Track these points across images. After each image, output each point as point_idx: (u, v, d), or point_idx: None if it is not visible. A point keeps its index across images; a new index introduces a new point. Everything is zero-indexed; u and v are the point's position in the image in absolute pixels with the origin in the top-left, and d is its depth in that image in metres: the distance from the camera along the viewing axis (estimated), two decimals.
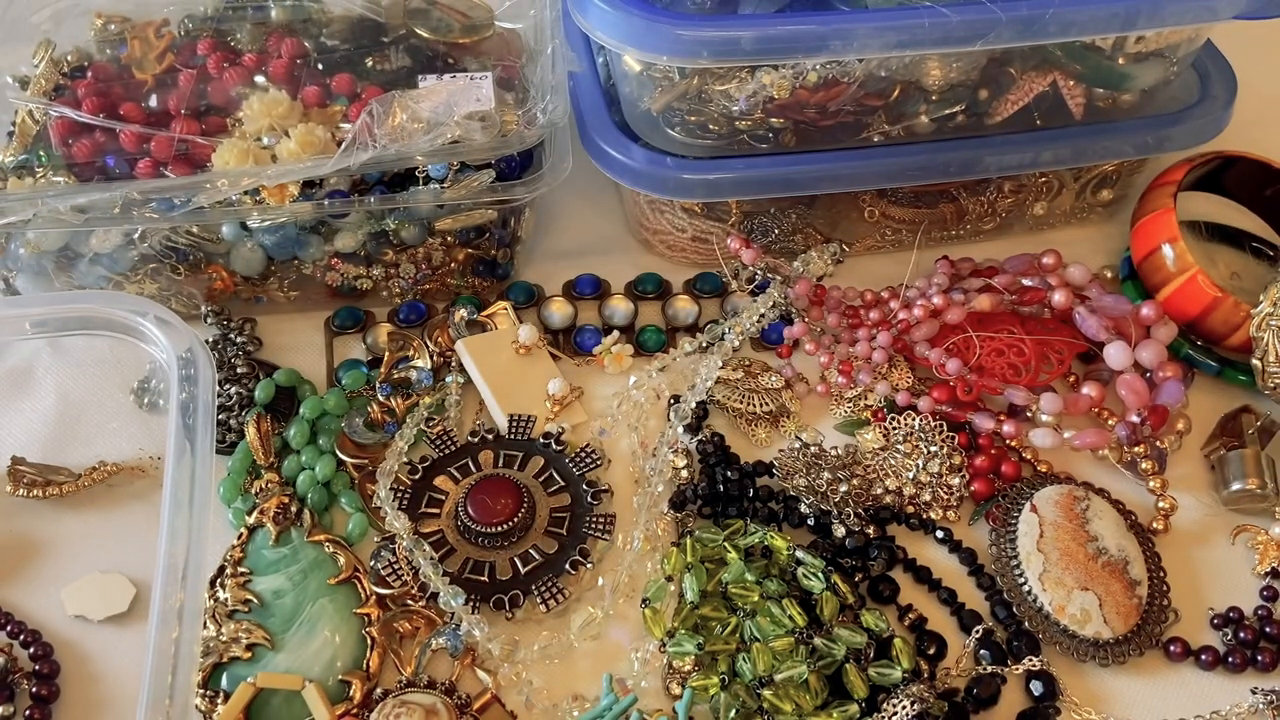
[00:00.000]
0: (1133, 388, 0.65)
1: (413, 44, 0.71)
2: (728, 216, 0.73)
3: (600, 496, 0.62)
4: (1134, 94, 0.71)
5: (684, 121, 0.67)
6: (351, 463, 0.64)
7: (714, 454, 0.65)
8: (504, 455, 0.64)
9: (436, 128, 0.62)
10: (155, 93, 0.67)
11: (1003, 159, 0.70)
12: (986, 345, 0.67)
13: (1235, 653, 0.58)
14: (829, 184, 0.69)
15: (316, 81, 0.68)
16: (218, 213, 0.63)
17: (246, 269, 0.67)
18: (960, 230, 0.77)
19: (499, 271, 0.72)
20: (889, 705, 0.54)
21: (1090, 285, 0.70)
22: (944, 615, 0.60)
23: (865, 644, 0.56)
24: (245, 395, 0.65)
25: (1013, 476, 0.64)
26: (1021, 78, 0.68)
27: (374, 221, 0.66)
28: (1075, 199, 0.78)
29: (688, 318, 0.72)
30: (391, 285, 0.70)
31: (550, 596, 0.58)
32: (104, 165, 0.64)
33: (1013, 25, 0.61)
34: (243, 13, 0.72)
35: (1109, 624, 0.58)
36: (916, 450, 0.65)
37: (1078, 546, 0.59)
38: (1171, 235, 0.68)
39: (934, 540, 0.63)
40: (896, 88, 0.67)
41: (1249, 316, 0.66)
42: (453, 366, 0.68)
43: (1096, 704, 0.57)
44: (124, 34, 0.71)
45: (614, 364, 0.69)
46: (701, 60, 0.62)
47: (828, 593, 0.57)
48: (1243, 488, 0.63)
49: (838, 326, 0.70)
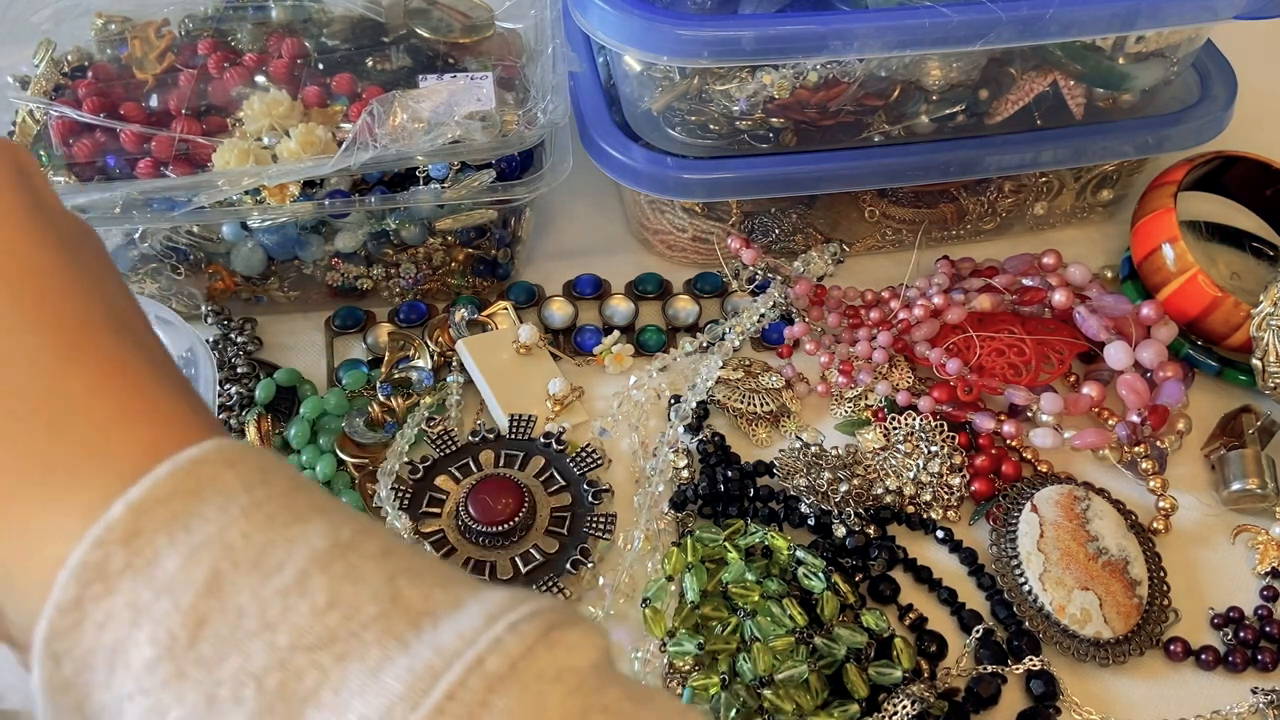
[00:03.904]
0: (1133, 388, 0.65)
1: (413, 44, 0.71)
2: (728, 216, 0.73)
3: (601, 496, 0.62)
4: (1134, 94, 0.71)
5: (684, 121, 0.67)
6: (352, 462, 0.64)
7: (714, 454, 0.65)
8: (505, 455, 0.64)
9: (437, 128, 0.62)
10: (156, 93, 0.67)
11: (1003, 159, 0.70)
12: (987, 345, 0.67)
13: (1235, 653, 0.58)
14: (829, 184, 0.69)
15: (317, 81, 0.68)
16: (218, 213, 0.63)
17: (247, 269, 0.67)
18: (960, 230, 0.77)
19: (499, 271, 0.72)
20: (889, 705, 0.54)
21: (1090, 285, 0.70)
22: (944, 615, 0.60)
23: (866, 644, 0.56)
24: (246, 395, 0.65)
25: (1013, 476, 0.64)
26: (1022, 78, 0.68)
27: (374, 221, 0.66)
28: (1075, 199, 0.78)
29: (688, 318, 0.72)
30: (392, 285, 0.71)
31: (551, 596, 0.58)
32: (104, 165, 0.64)
33: (1013, 25, 0.61)
34: (243, 13, 0.72)
35: (1109, 624, 0.58)
36: (917, 450, 0.65)
37: (1078, 546, 0.59)
38: (1172, 235, 0.68)
39: (934, 540, 0.63)
40: (896, 88, 0.67)
41: (1249, 316, 0.66)
42: (453, 366, 0.68)
43: (1096, 704, 0.57)
44: (124, 34, 0.71)
45: (614, 364, 0.69)
46: (702, 60, 0.62)
47: (828, 592, 0.57)
48: (1243, 488, 0.63)
49: (838, 326, 0.70)
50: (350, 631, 0.26)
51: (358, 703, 0.25)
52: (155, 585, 0.26)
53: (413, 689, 0.25)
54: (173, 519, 0.27)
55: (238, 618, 0.26)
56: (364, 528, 0.29)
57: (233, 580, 0.26)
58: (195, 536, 0.27)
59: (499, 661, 0.26)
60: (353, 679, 0.26)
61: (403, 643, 0.26)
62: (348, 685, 0.25)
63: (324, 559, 0.27)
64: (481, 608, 0.27)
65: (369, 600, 0.27)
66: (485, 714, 0.25)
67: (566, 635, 0.28)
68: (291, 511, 0.28)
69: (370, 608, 0.27)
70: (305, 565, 0.27)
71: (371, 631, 0.26)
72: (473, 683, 0.25)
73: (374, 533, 0.29)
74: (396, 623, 0.26)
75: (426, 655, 0.26)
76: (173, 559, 0.27)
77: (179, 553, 0.27)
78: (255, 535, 0.27)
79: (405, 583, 0.27)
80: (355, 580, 0.27)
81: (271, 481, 0.29)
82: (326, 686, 0.25)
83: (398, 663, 0.26)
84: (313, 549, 0.27)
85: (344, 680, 0.26)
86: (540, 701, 0.26)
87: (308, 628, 0.26)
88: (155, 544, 0.27)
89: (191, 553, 0.27)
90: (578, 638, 0.28)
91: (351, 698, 0.25)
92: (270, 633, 0.26)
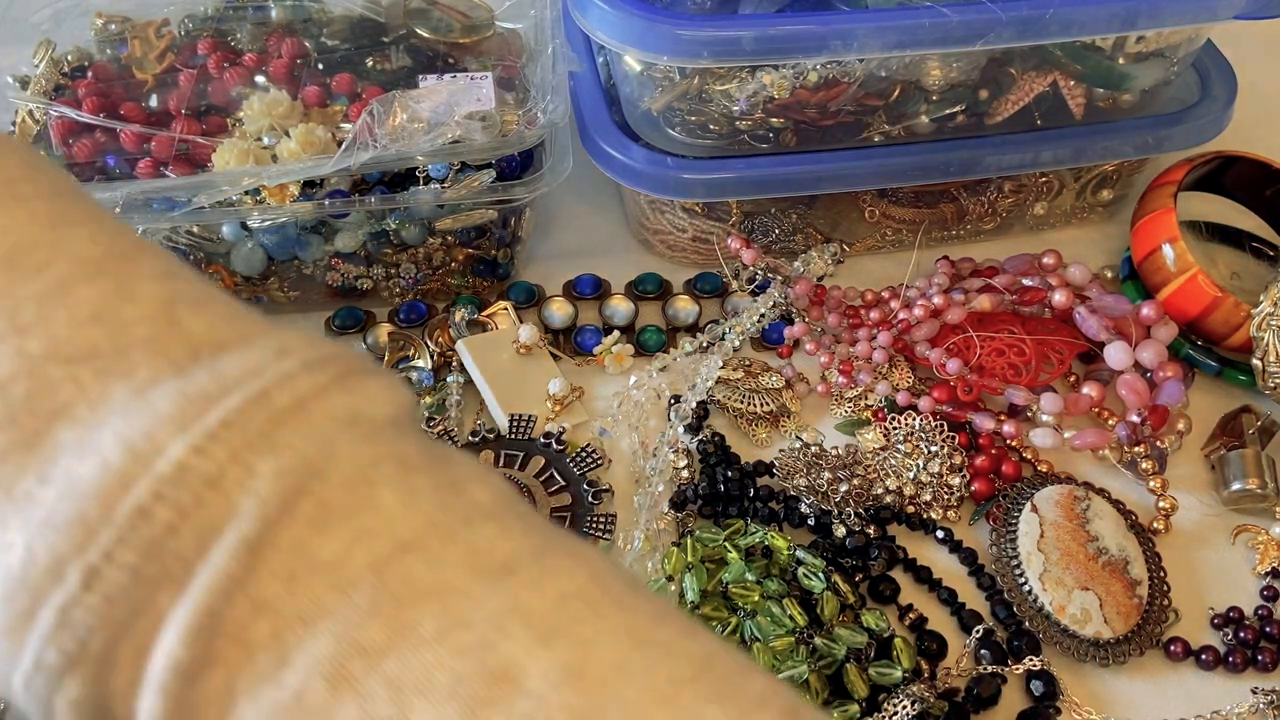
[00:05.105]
0: (1133, 388, 0.65)
1: (413, 44, 0.71)
2: (728, 216, 0.73)
3: (601, 496, 0.62)
4: (1134, 94, 0.71)
5: (684, 121, 0.67)
6: None
7: (714, 454, 0.65)
8: (505, 455, 0.64)
9: (437, 128, 0.62)
10: (155, 93, 0.67)
11: (1003, 159, 0.70)
12: (987, 345, 0.67)
13: (1236, 653, 0.58)
14: (829, 184, 0.69)
15: (317, 81, 0.68)
16: (218, 213, 0.63)
17: (247, 269, 0.67)
18: (960, 230, 0.77)
19: (499, 271, 0.72)
20: (889, 705, 0.54)
21: (1090, 285, 0.70)
22: (944, 615, 0.60)
23: (866, 644, 0.56)
24: None
25: (1013, 476, 0.64)
26: (1021, 78, 0.68)
27: (374, 221, 0.66)
28: (1075, 199, 0.78)
29: (688, 318, 0.72)
30: (392, 285, 0.71)
31: None
32: (104, 165, 0.64)
33: (1013, 25, 0.61)
34: (243, 13, 0.72)
35: (1109, 624, 0.58)
36: (917, 450, 0.65)
37: (1078, 546, 0.59)
38: (1172, 235, 0.68)
39: (934, 540, 0.63)
40: (896, 88, 0.67)
41: (1249, 316, 0.66)
42: (453, 366, 0.68)
43: (1096, 704, 0.57)
44: (124, 34, 0.71)
45: (614, 364, 0.69)
46: (702, 60, 0.62)
47: (828, 592, 0.57)
48: (1243, 488, 0.63)
49: (838, 326, 0.70)
50: (116, 348, 0.23)
51: (117, 420, 0.22)
52: None
53: (183, 411, 0.22)
54: None
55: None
56: (146, 246, 0.26)
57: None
58: None
59: (286, 397, 0.24)
60: (115, 396, 0.23)
61: (176, 366, 0.23)
62: (107, 402, 0.23)
63: (92, 269, 0.24)
64: (272, 343, 0.25)
65: (141, 321, 0.24)
66: (265, 446, 0.23)
67: (366, 383, 0.26)
68: (60, 214, 0.25)
69: (141, 328, 0.24)
70: (69, 271, 0.24)
71: (141, 352, 0.23)
72: (254, 414, 0.23)
73: (158, 254, 0.26)
74: (172, 347, 0.24)
75: (203, 380, 0.23)
76: None
77: None
78: (12, 231, 0.24)
79: (186, 309, 0.25)
80: (127, 298, 0.24)
81: (37, 179, 0.26)
82: (82, 401, 0.23)
83: (168, 384, 0.23)
84: (79, 256, 0.24)
85: (103, 397, 0.23)
86: (329, 442, 0.24)
87: (66, 339, 0.23)
88: None
89: None
90: (379, 389, 0.26)
91: (110, 415, 0.22)
92: (20, 337, 0.23)
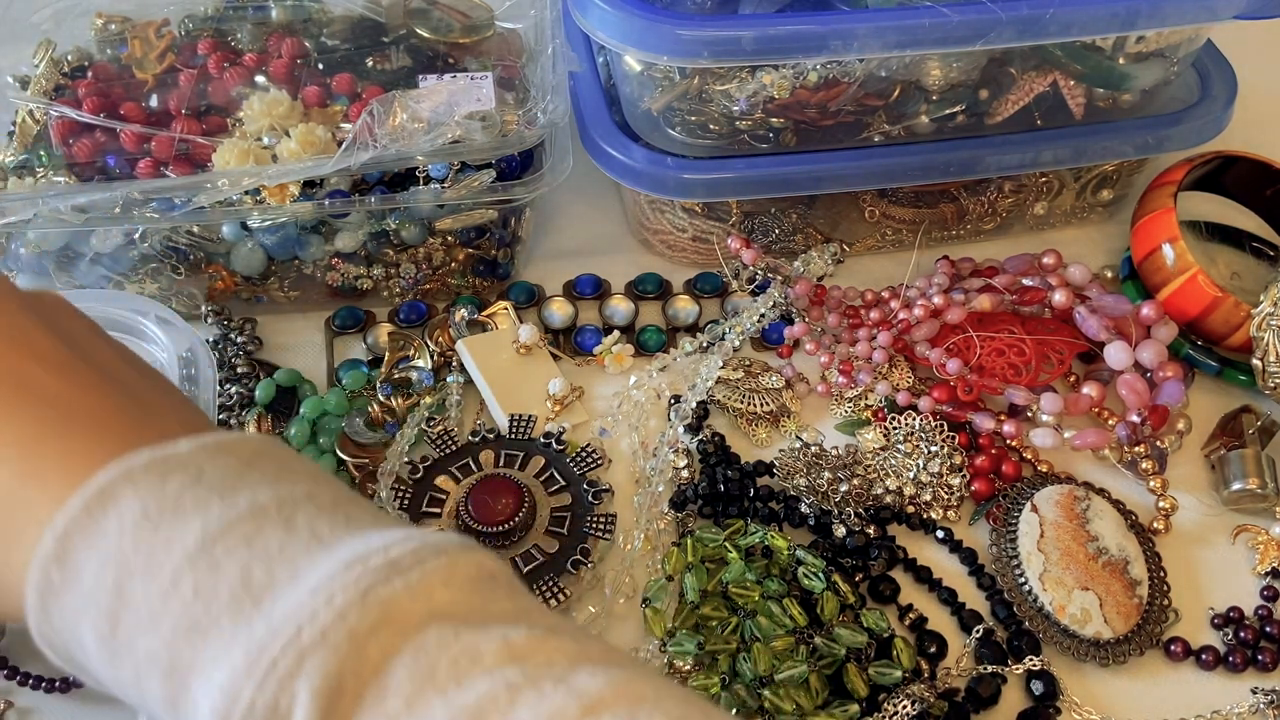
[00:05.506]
0: (1133, 388, 0.65)
1: (413, 44, 0.71)
2: (728, 216, 0.73)
3: (601, 496, 0.62)
4: (1134, 94, 0.71)
5: (684, 121, 0.67)
6: (352, 462, 0.64)
7: (714, 454, 0.65)
8: (505, 455, 0.64)
9: (437, 128, 0.62)
10: (155, 93, 0.67)
11: (1003, 159, 0.70)
12: (987, 345, 0.67)
13: (1235, 653, 0.58)
14: (829, 184, 0.69)
15: (317, 81, 0.68)
16: (218, 213, 0.63)
17: (247, 269, 0.67)
18: (960, 230, 0.77)
19: (499, 271, 0.72)
20: (889, 705, 0.54)
21: (1090, 285, 0.70)
22: (944, 615, 0.60)
23: (866, 644, 0.56)
24: (246, 395, 0.65)
25: (1013, 476, 0.64)
26: (1021, 78, 0.68)
27: (374, 221, 0.66)
28: (1075, 199, 0.78)
29: (688, 318, 0.72)
30: (392, 285, 0.71)
31: (551, 596, 0.58)
32: (104, 165, 0.64)
33: (1013, 25, 0.61)
34: (243, 13, 0.72)
35: (1109, 624, 0.58)
36: (917, 450, 0.65)
37: (1078, 546, 0.59)
38: (1172, 235, 0.68)
39: (934, 540, 0.63)
40: (896, 88, 0.67)
41: (1249, 316, 0.66)
42: (453, 366, 0.68)
43: (1096, 704, 0.57)
44: (124, 34, 0.71)
45: (614, 364, 0.69)
46: (702, 60, 0.62)
47: (828, 592, 0.57)
48: (1243, 488, 0.63)
49: (838, 326, 0.70)
50: (210, 617, 0.33)
51: (218, 673, 0.32)
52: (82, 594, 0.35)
53: (251, 661, 0.32)
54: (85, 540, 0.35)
55: (136, 614, 0.34)
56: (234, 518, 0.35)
57: (130, 585, 0.34)
58: (102, 553, 0.34)
59: (311, 632, 0.32)
60: (213, 653, 0.33)
61: (248, 620, 0.33)
62: (212, 659, 0.33)
63: (193, 556, 0.34)
64: (307, 583, 0.34)
65: (225, 588, 0.34)
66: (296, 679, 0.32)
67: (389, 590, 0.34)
68: (175, 514, 0.35)
69: (224, 594, 0.34)
70: (179, 565, 0.34)
71: (226, 615, 0.33)
72: (289, 654, 0.32)
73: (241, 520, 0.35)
74: (244, 604, 0.33)
75: (260, 631, 0.33)
76: (90, 571, 0.34)
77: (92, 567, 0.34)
78: (142, 544, 0.34)
79: (257, 567, 0.34)
80: (215, 571, 0.34)
81: (164, 489, 0.35)
82: (198, 661, 0.33)
83: (240, 638, 0.33)
84: (185, 549, 0.34)
85: (208, 655, 0.33)
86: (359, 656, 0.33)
87: (182, 614, 0.33)
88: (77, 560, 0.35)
89: (100, 566, 0.34)
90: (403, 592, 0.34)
91: (214, 670, 0.33)
92: (156, 623, 0.34)
